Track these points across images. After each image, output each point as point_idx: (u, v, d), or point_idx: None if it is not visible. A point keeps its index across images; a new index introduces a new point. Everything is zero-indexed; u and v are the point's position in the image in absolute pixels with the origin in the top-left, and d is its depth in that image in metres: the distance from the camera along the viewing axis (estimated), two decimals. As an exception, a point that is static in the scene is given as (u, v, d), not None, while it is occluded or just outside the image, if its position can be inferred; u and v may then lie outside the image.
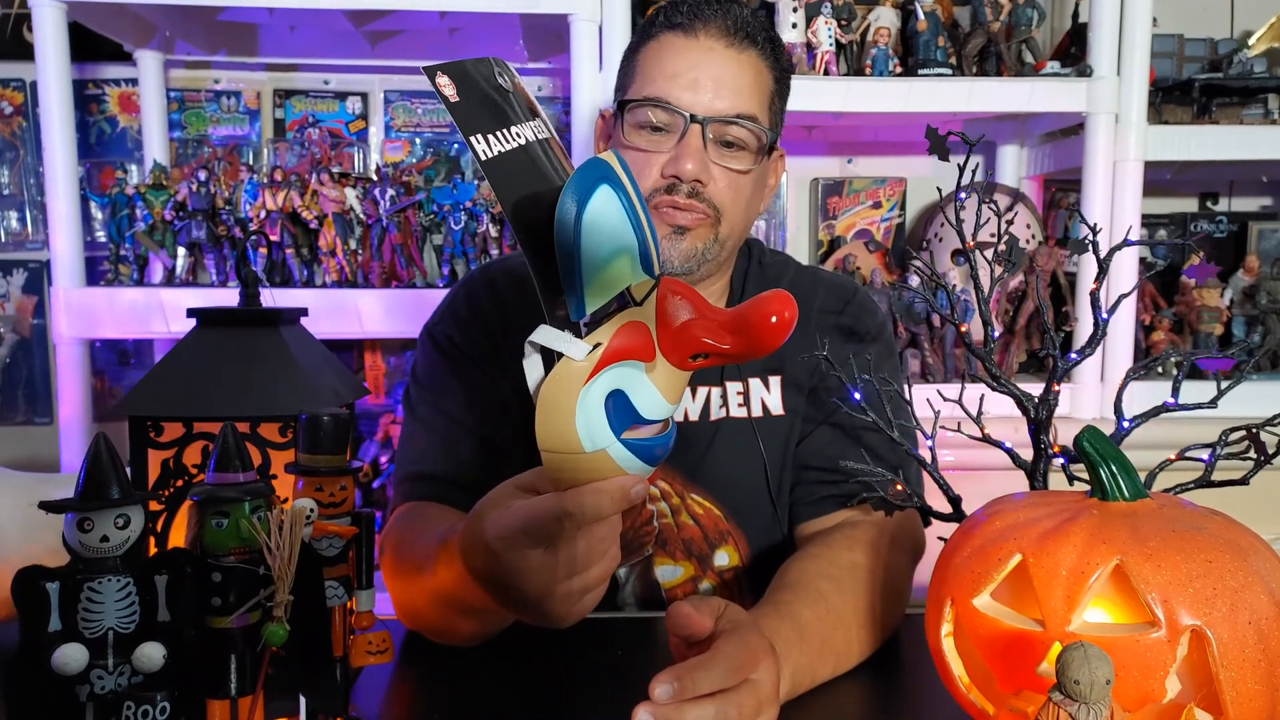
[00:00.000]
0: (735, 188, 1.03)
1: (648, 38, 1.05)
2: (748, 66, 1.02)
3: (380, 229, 1.79)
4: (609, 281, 0.58)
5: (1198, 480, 0.80)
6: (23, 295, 2.14)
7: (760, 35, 1.03)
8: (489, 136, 0.57)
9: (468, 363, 1.08)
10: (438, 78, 0.57)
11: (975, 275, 0.88)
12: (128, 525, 0.59)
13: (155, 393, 0.81)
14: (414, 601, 0.90)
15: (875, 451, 1.00)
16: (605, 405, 0.59)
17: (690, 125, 0.99)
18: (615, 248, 0.57)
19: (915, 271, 1.81)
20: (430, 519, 0.97)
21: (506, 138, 0.58)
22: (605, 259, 0.57)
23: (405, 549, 0.92)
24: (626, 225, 0.58)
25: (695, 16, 1.01)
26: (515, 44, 2.03)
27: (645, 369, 0.60)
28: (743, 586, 1.10)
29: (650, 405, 0.61)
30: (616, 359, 0.58)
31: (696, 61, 1.00)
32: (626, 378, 0.59)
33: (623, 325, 0.59)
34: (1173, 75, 1.94)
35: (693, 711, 0.64)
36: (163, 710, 0.57)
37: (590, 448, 0.59)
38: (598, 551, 0.66)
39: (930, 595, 0.72)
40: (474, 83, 0.59)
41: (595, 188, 0.56)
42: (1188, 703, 0.60)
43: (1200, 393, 0.83)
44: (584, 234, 0.56)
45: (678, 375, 0.62)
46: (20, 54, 2.06)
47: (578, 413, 0.58)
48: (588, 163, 0.57)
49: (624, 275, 0.59)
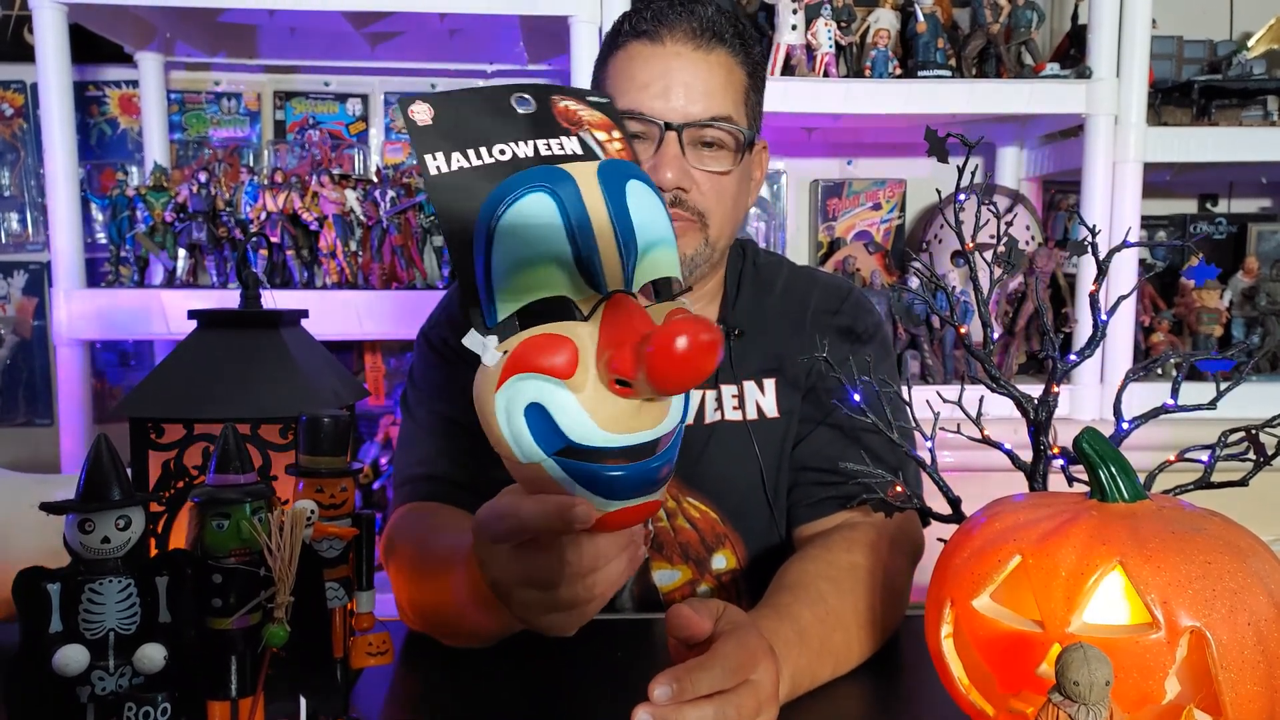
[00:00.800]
0: (718, 190, 1.02)
1: (615, 48, 1.04)
2: (717, 67, 1.01)
3: (380, 230, 1.80)
4: (524, 288, 0.56)
5: (1197, 482, 0.80)
6: (23, 296, 2.14)
7: (727, 32, 1.02)
8: (452, 154, 0.57)
9: (464, 363, 1.08)
10: (412, 107, 0.57)
11: (974, 277, 0.88)
12: (129, 526, 0.59)
13: (156, 394, 0.81)
14: (433, 601, 0.89)
15: (874, 452, 1.00)
16: (527, 418, 0.56)
17: (666, 134, 0.99)
18: (537, 254, 0.55)
19: (915, 273, 1.81)
20: (444, 518, 0.97)
21: (480, 155, 0.57)
22: (521, 264, 0.55)
23: (423, 548, 0.92)
24: (559, 234, 0.56)
25: (660, 22, 1.00)
26: (515, 45, 2.04)
27: (569, 386, 0.55)
28: (741, 589, 1.10)
29: (576, 427, 0.55)
30: (518, 369, 0.55)
31: (666, 69, 0.99)
32: (544, 392, 0.55)
33: (533, 336, 0.56)
34: (1172, 77, 1.95)
35: (692, 712, 0.64)
36: (163, 711, 0.57)
37: (523, 459, 0.57)
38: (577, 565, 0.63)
39: (930, 596, 0.72)
40: (456, 105, 0.58)
41: (528, 193, 0.55)
42: (1187, 704, 0.60)
43: (1200, 394, 0.83)
44: (498, 235, 0.55)
45: (616, 403, 0.55)
46: (21, 56, 2.06)
47: (499, 420, 0.56)
48: (538, 169, 0.56)
49: (547, 284, 0.56)
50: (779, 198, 2.21)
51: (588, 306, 0.58)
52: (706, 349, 0.51)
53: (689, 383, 0.53)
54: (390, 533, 1.01)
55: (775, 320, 1.12)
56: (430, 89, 2.18)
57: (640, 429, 0.57)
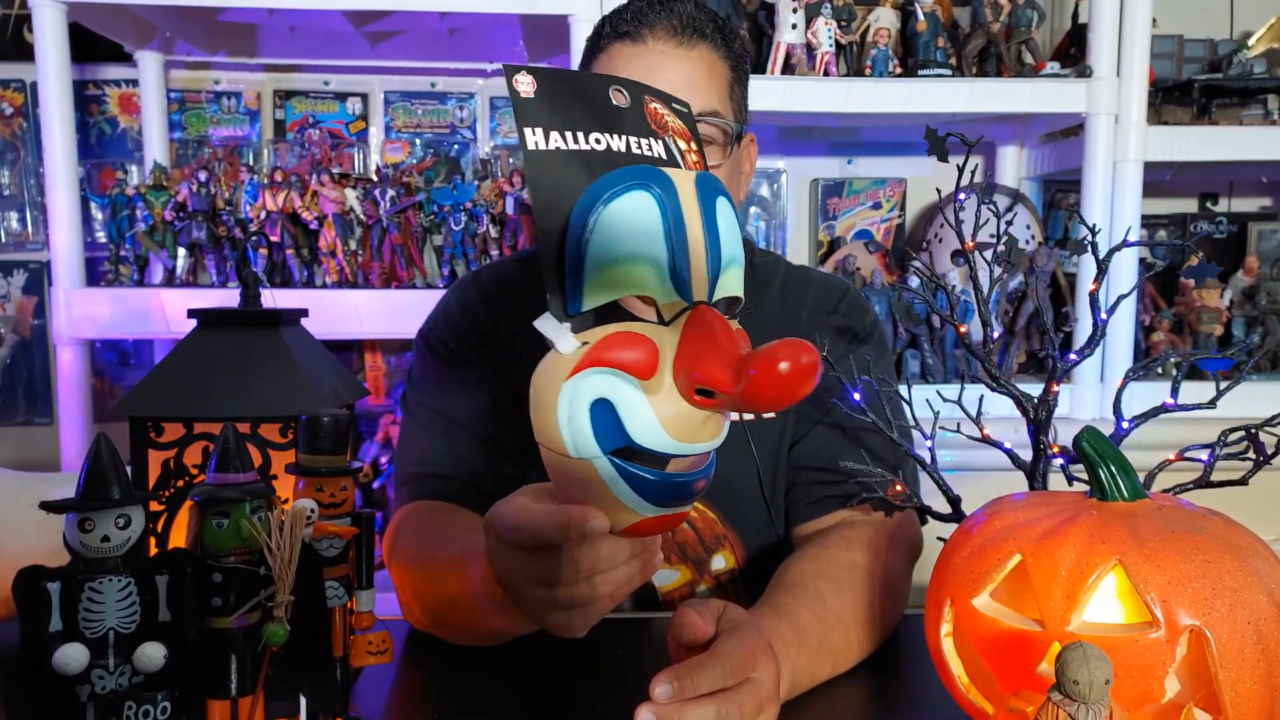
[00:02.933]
0: None
1: (598, 50, 1.04)
2: (700, 62, 1.01)
3: (380, 230, 1.79)
4: (615, 283, 0.56)
5: (1197, 481, 0.80)
6: (23, 296, 2.14)
7: (708, 27, 1.02)
8: (551, 133, 0.56)
9: (462, 364, 1.08)
10: (517, 77, 0.56)
11: (975, 276, 0.88)
12: (129, 525, 0.59)
13: (156, 393, 0.81)
14: (445, 600, 0.89)
15: (872, 451, 1.00)
16: (591, 412, 0.55)
17: None
18: (634, 252, 0.55)
19: (915, 272, 1.81)
20: (451, 517, 0.97)
21: (577, 140, 0.57)
22: (617, 259, 0.55)
23: (434, 549, 0.92)
24: (658, 237, 0.56)
25: (640, 22, 1.01)
26: (515, 44, 2.04)
27: (643, 388, 0.55)
28: (740, 589, 1.10)
29: (643, 429, 0.55)
30: (599, 363, 0.55)
31: (649, 67, 0.99)
32: (616, 389, 0.55)
33: (617, 331, 0.56)
34: (1172, 76, 1.94)
35: (694, 711, 0.64)
36: (163, 710, 0.57)
37: (574, 453, 0.56)
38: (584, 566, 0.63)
39: (930, 595, 0.72)
40: (557, 84, 0.58)
41: (633, 189, 0.55)
42: (1187, 703, 0.60)
43: (1200, 393, 0.83)
44: (598, 226, 0.54)
45: (688, 411, 0.56)
46: (20, 55, 2.06)
47: (560, 411, 0.56)
48: (642, 168, 0.57)
49: (638, 283, 0.56)
50: (779, 197, 2.21)
51: (669, 313, 0.58)
52: (808, 372, 0.52)
53: (785, 404, 0.54)
54: (394, 532, 1.01)
55: (772, 319, 1.12)
56: (430, 88, 2.18)
57: (701, 440, 0.57)
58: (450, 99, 2.20)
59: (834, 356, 0.95)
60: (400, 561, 0.96)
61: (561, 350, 0.56)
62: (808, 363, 0.52)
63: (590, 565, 0.63)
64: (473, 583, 0.79)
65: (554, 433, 0.57)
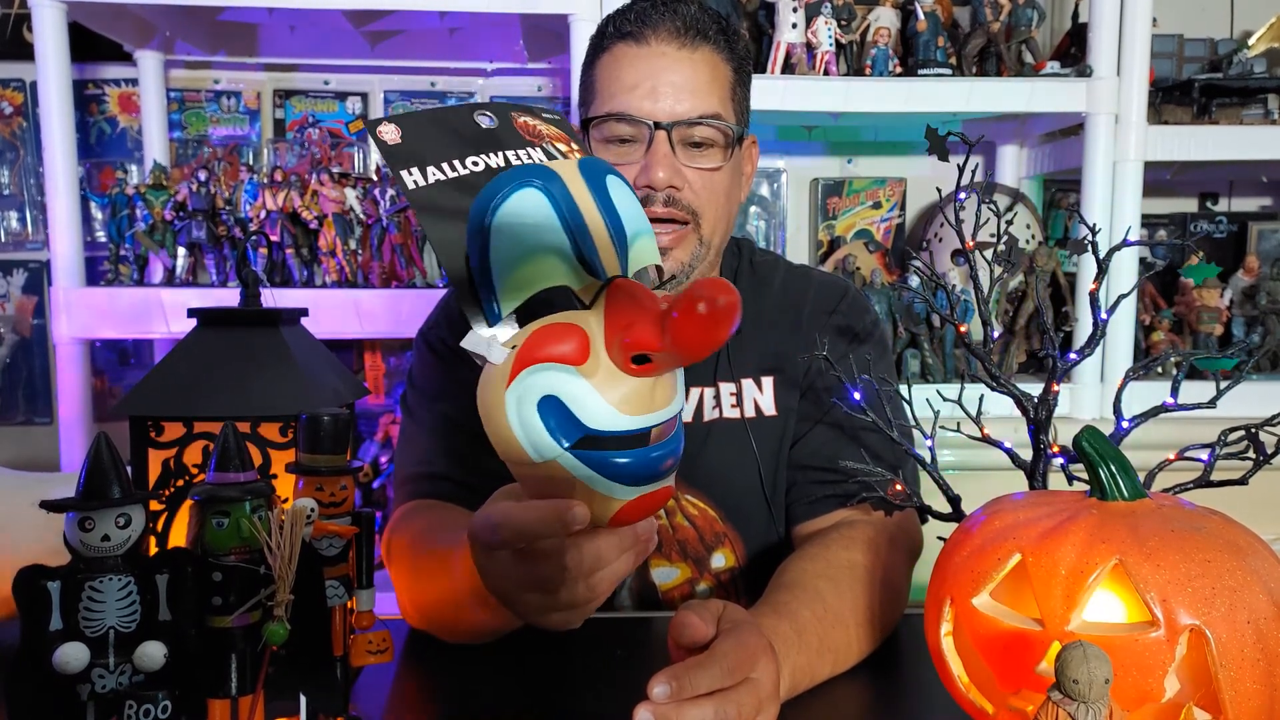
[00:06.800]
0: (710, 187, 1.03)
1: (600, 51, 1.04)
2: (703, 64, 1.01)
3: (380, 229, 1.79)
4: (526, 281, 0.56)
5: (1197, 480, 0.80)
6: (23, 295, 2.14)
7: (711, 29, 1.02)
8: (427, 168, 0.57)
9: (462, 363, 1.08)
10: (380, 128, 0.57)
11: (975, 275, 0.88)
12: (129, 524, 0.59)
13: (156, 392, 0.82)
14: (433, 598, 0.89)
15: (872, 451, 1.00)
16: (540, 412, 0.55)
17: (655, 133, 0.99)
18: (535, 246, 0.56)
19: (915, 272, 1.81)
20: (443, 515, 0.97)
21: (454, 168, 0.58)
22: (521, 257, 0.56)
23: (423, 547, 0.92)
24: (555, 226, 0.56)
25: (643, 23, 1.01)
26: (515, 44, 2.04)
27: (582, 374, 0.55)
28: (740, 588, 1.10)
29: (595, 414, 0.55)
30: (532, 361, 0.55)
31: (651, 69, 1.00)
32: (557, 383, 0.55)
33: (541, 326, 0.56)
34: (1172, 75, 1.94)
35: (693, 711, 0.64)
36: (164, 709, 0.57)
37: (537, 457, 0.56)
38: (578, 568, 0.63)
39: (929, 594, 0.72)
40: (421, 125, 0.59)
41: (518, 189, 0.56)
42: (1186, 702, 0.60)
43: (1200, 393, 0.83)
44: (495, 232, 0.55)
45: (634, 384, 0.56)
46: (20, 54, 2.06)
47: (510, 420, 0.56)
48: (522, 167, 0.57)
49: (548, 275, 0.56)
50: (779, 196, 2.21)
51: (588, 295, 0.58)
52: (729, 309, 0.52)
53: (715, 343, 0.53)
54: (391, 531, 1.02)
55: (773, 319, 1.12)
56: (430, 88, 2.18)
57: (655, 409, 0.57)
58: (450, 99, 2.20)
59: (834, 356, 0.95)
60: (394, 561, 0.96)
61: (494, 361, 0.57)
62: (725, 302, 0.51)
63: (588, 566, 0.63)
64: (458, 582, 0.80)
65: (512, 444, 0.57)
